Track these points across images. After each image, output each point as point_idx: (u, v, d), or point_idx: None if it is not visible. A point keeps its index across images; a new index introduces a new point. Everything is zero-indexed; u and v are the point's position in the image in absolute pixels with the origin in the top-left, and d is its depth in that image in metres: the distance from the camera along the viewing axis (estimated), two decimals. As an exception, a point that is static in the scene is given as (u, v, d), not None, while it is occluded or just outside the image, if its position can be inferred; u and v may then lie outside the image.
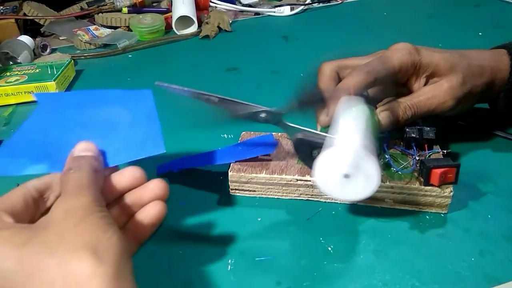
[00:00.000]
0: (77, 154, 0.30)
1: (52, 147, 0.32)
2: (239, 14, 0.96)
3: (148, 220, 0.30)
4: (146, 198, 0.30)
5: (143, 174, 0.31)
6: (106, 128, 0.33)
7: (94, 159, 0.30)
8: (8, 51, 0.71)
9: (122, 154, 0.32)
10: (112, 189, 0.30)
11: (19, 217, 0.27)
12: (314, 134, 0.37)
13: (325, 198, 0.40)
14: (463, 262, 0.34)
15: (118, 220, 0.30)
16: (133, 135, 0.33)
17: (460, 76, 0.42)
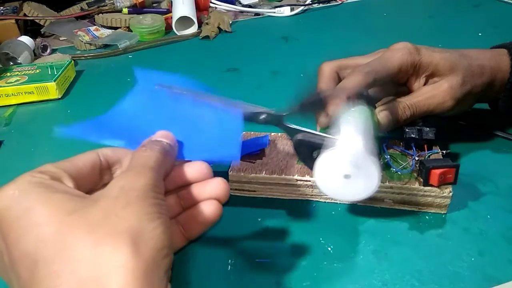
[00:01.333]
0: (154, 139, 0.29)
1: (135, 128, 0.32)
2: (239, 15, 0.96)
3: (201, 217, 0.29)
4: (205, 194, 0.30)
5: (210, 172, 0.30)
6: (191, 124, 0.34)
7: (169, 146, 0.29)
8: (8, 51, 0.71)
9: (198, 152, 0.32)
10: (176, 178, 0.30)
11: (81, 182, 0.26)
12: (314, 135, 0.37)
13: (325, 198, 0.41)
14: (462, 262, 0.34)
15: (172, 210, 0.30)
16: (214, 138, 0.33)
17: (460, 76, 0.42)
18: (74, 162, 0.27)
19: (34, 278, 0.20)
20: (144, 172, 0.25)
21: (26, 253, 0.21)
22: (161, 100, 0.35)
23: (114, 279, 0.20)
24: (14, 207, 0.22)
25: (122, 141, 0.31)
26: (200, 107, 0.36)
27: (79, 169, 0.27)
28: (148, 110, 0.35)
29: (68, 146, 0.53)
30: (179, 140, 0.31)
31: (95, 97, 0.64)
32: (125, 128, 0.33)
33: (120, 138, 0.31)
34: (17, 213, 0.22)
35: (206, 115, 0.35)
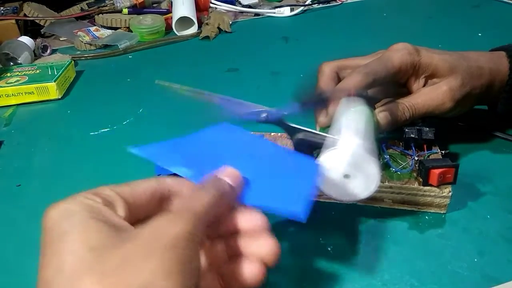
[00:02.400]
0: (217, 176, 0.27)
1: (205, 161, 0.30)
2: (239, 15, 0.96)
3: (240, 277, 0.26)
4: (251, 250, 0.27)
5: (264, 225, 0.27)
6: (263, 166, 0.31)
7: (231, 188, 0.27)
8: (8, 52, 0.71)
9: (260, 198, 0.28)
10: (229, 224, 0.27)
11: (137, 209, 0.25)
12: (315, 135, 0.37)
13: (325, 198, 0.41)
14: (462, 262, 0.34)
15: (218, 257, 0.28)
16: (283, 186, 0.30)
17: (459, 78, 0.42)
18: (134, 187, 0.26)
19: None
20: (184, 217, 0.23)
21: (45, 280, 0.21)
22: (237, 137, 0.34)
23: None
24: (55, 228, 0.22)
25: (190, 171, 0.29)
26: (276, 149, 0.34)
27: (137, 196, 0.25)
28: (222, 145, 0.33)
29: (67, 146, 0.53)
30: (245, 177, 0.28)
31: (95, 97, 0.64)
32: (196, 159, 0.30)
33: (188, 167, 0.29)
34: (56, 235, 0.22)
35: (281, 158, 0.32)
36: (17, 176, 0.48)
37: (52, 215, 0.23)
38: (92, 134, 0.55)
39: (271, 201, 0.28)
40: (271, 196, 0.29)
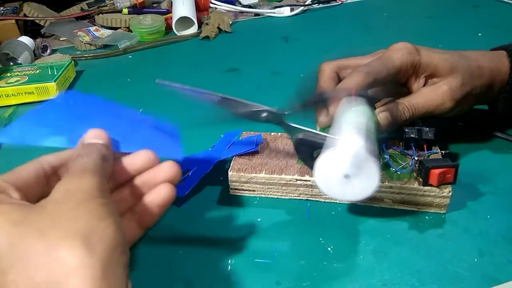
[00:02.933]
0: (87, 141, 0.29)
1: (73, 123, 0.31)
2: (239, 15, 0.96)
3: (157, 202, 0.30)
4: (157, 180, 0.30)
5: (156, 158, 0.30)
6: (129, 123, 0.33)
7: (104, 146, 0.29)
8: (8, 52, 0.71)
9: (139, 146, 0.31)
10: (123, 171, 0.30)
11: (28, 192, 0.26)
12: (315, 135, 0.37)
13: (325, 198, 0.41)
14: (462, 262, 0.34)
15: (127, 202, 0.30)
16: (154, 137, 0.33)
17: (459, 78, 0.42)
18: (18, 173, 0.27)
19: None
20: (85, 175, 0.25)
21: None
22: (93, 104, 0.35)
23: (72, 280, 0.20)
24: None
25: (63, 137, 0.30)
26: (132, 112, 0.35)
27: (24, 180, 0.26)
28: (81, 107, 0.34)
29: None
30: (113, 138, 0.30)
31: (95, 97, 0.64)
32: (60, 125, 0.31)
33: (59, 134, 0.30)
34: None
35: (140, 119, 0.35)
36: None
37: None
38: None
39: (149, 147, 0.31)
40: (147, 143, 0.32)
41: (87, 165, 0.26)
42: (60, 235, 0.21)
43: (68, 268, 0.20)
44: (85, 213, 0.23)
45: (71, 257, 0.20)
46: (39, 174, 0.27)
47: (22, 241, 0.21)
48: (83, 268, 0.20)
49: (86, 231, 0.21)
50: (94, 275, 0.20)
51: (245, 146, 0.43)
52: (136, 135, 0.33)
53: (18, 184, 0.26)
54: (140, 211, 0.30)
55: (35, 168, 0.28)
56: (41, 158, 0.28)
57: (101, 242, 0.22)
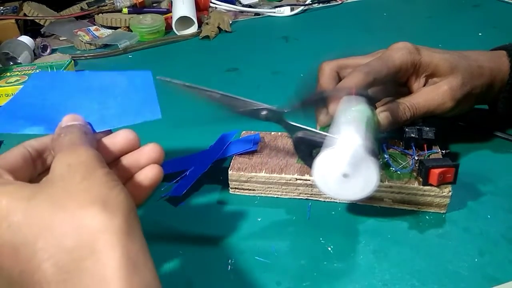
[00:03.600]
0: (65, 125, 0.29)
1: (49, 111, 0.32)
2: (239, 15, 0.96)
3: (146, 182, 0.30)
4: (142, 161, 0.30)
5: (136, 137, 0.31)
6: (102, 94, 0.34)
7: (83, 126, 0.29)
8: (8, 51, 0.71)
9: (117, 119, 0.32)
10: (106, 152, 0.30)
11: (18, 175, 0.26)
12: (315, 133, 0.37)
13: (325, 198, 0.41)
14: (462, 262, 0.34)
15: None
16: (129, 101, 0.33)
17: (460, 78, 0.42)
18: (5, 157, 0.27)
19: (19, 260, 0.21)
20: (79, 149, 0.26)
21: (2, 243, 0.22)
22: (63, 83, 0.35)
23: (100, 242, 0.21)
24: None
25: (41, 126, 0.31)
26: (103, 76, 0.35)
27: (12, 163, 0.27)
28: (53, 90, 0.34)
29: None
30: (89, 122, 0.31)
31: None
32: (37, 112, 0.32)
33: (37, 124, 0.31)
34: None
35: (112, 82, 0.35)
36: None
37: None
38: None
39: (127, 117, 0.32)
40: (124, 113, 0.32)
41: (74, 140, 0.27)
42: (78, 205, 0.22)
43: (95, 232, 0.21)
44: (94, 184, 0.24)
45: (95, 222, 0.22)
46: (25, 157, 0.28)
47: (42, 213, 0.22)
48: (108, 230, 0.22)
49: (101, 199, 0.23)
50: (119, 235, 0.22)
51: (243, 145, 0.43)
52: (110, 106, 0.33)
53: (7, 168, 0.26)
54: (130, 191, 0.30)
55: (20, 152, 0.28)
56: (25, 143, 0.29)
57: (117, 207, 0.23)
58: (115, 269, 0.21)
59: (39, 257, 0.21)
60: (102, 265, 0.21)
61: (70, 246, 0.21)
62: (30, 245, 0.21)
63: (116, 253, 0.21)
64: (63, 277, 0.20)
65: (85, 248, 0.21)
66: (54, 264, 0.21)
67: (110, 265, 0.21)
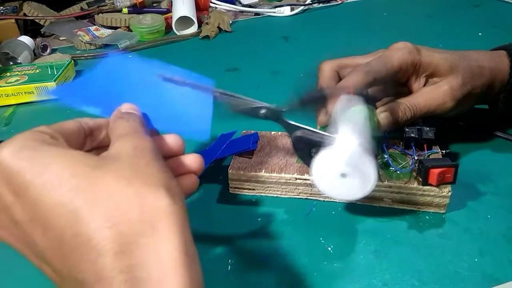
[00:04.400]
0: (124, 111, 0.30)
1: (109, 96, 0.33)
2: (239, 15, 0.96)
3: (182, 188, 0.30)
4: (182, 169, 0.31)
5: (183, 144, 0.31)
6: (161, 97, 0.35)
7: (140, 117, 0.30)
8: (8, 51, 0.71)
9: (167, 123, 0.33)
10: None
11: (71, 145, 0.27)
12: (313, 133, 0.37)
13: (324, 197, 0.40)
14: (463, 262, 0.34)
15: None
16: (185, 111, 0.35)
17: (460, 77, 0.42)
18: (63, 126, 0.28)
19: (75, 223, 0.21)
20: (143, 136, 0.26)
21: (61, 202, 0.21)
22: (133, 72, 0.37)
23: (161, 221, 0.21)
24: (28, 162, 0.22)
25: (99, 108, 0.32)
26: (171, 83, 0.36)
27: (68, 132, 0.27)
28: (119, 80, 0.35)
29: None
30: (143, 113, 0.31)
31: (95, 97, 0.64)
32: (100, 96, 0.33)
33: (96, 106, 0.32)
34: (36, 168, 0.22)
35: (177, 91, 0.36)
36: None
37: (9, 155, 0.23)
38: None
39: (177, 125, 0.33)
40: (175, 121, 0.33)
41: (137, 127, 0.28)
42: (144, 184, 0.22)
43: (159, 211, 0.22)
44: (159, 170, 0.24)
45: (159, 202, 0.22)
46: (79, 131, 0.29)
47: (106, 183, 0.22)
48: (171, 212, 0.22)
49: (165, 184, 0.23)
50: (180, 220, 0.22)
51: (242, 144, 0.43)
52: (166, 108, 0.34)
53: (64, 135, 0.27)
54: None
55: (76, 125, 0.29)
56: (80, 119, 0.30)
57: (177, 195, 0.23)
58: (172, 252, 0.21)
59: (100, 223, 0.20)
60: (162, 245, 0.21)
61: (133, 218, 0.21)
62: (92, 210, 0.21)
63: (175, 237, 0.21)
64: (121, 249, 0.20)
65: (147, 223, 0.21)
66: (116, 233, 0.20)
67: (169, 247, 0.21)
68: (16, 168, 0.22)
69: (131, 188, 0.22)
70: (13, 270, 0.36)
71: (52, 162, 0.22)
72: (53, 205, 0.21)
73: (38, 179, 0.22)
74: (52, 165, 0.22)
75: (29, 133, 0.25)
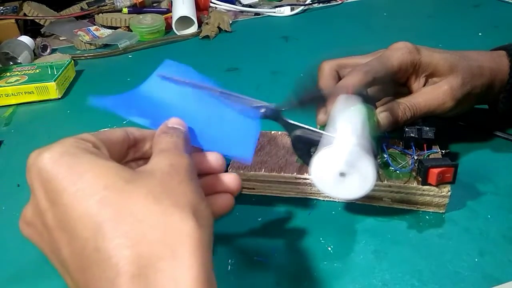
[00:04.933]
0: (171, 125, 0.30)
1: (158, 109, 0.34)
2: (239, 15, 0.96)
3: (215, 208, 0.30)
4: (218, 188, 0.31)
5: (224, 164, 0.31)
6: (208, 115, 0.35)
7: (186, 133, 0.30)
8: (8, 51, 0.71)
9: (212, 142, 0.32)
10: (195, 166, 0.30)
11: (111, 155, 0.27)
12: (313, 132, 0.37)
13: (324, 197, 0.40)
14: (463, 262, 0.34)
15: None
16: (230, 134, 0.34)
17: (460, 77, 0.42)
18: (109, 135, 0.28)
19: (98, 236, 0.21)
20: (181, 154, 0.27)
21: (88, 214, 0.21)
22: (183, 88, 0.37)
23: (183, 246, 0.21)
24: (65, 169, 0.22)
25: (148, 120, 0.32)
26: (220, 102, 0.36)
27: (112, 142, 0.27)
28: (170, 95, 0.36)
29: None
30: (190, 127, 0.32)
31: (95, 97, 0.64)
32: (150, 108, 0.34)
33: (146, 117, 0.32)
34: (72, 176, 0.22)
35: (225, 111, 0.36)
36: (16, 176, 0.48)
37: (49, 161, 0.23)
38: (91, 134, 0.55)
39: (221, 144, 0.33)
40: (220, 140, 0.33)
41: (180, 144, 0.28)
42: (172, 204, 0.22)
43: (181, 234, 0.21)
44: (191, 190, 0.24)
45: (184, 224, 0.21)
46: (124, 141, 0.29)
47: (136, 199, 0.22)
48: (194, 237, 0.21)
49: (193, 206, 0.23)
50: (201, 246, 0.21)
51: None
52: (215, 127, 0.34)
53: (107, 145, 0.27)
54: None
55: (122, 135, 0.29)
56: (127, 128, 0.30)
57: (204, 219, 0.23)
58: (190, 280, 0.20)
59: (121, 241, 0.20)
60: (180, 272, 0.20)
61: (154, 239, 0.20)
62: (115, 225, 0.21)
63: (195, 265, 0.20)
64: (139, 272, 0.20)
65: (168, 246, 0.20)
66: (135, 254, 0.20)
67: (187, 275, 0.20)
68: (54, 173, 0.22)
69: (157, 207, 0.22)
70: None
71: (88, 171, 0.22)
72: (80, 215, 0.21)
73: (72, 187, 0.22)
74: (87, 174, 0.22)
75: (72, 139, 0.25)
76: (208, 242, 0.22)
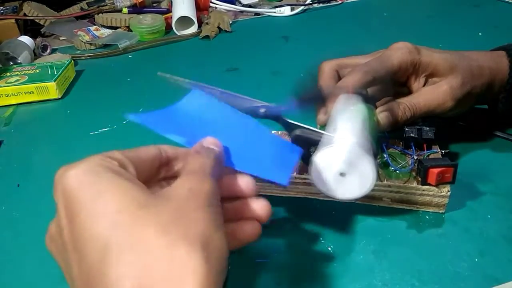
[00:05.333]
0: (206, 145, 0.29)
1: (195, 127, 0.33)
2: (239, 15, 0.96)
3: (242, 236, 0.29)
4: (247, 213, 0.29)
5: (255, 189, 0.30)
6: (246, 137, 0.34)
7: (220, 154, 0.29)
8: (8, 51, 0.71)
9: (246, 164, 0.31)
10: (223, 188, 0.29)
11: (140, 174, 0.26)
12: (312, 132, 0.37)
13: (324, 196, 0.40)
14: (463, 262, 0.34)
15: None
16: (267, 157, 0.33)
17: (460, 77, 0.42)
18: (138, 153, 0.27)
19: (104, 260, 0.20)
20: (205, 178, 0.25)
21: (98, 236, 0.21)
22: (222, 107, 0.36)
23: (187, 283, 0.20)
24: (87, 188, 0.22)
25: (184, 138, 0.31)
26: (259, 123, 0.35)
27: (141, 161, 0.27)
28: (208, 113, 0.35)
29: (67, 146, 0.53)
30: (225, 147, 0.31)
31: (95, 97, 0.64)
32: (187, 126, 0.33)
33: (182, 135, 0.31)
34: (91, 195, 0.22)
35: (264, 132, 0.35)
36: (17, 176, 0.48)
37: (72, 178, 0.23)
38: (92, 134, 0.55)
39: (257, 167, 0.31)
40: (256, 162, 0.32)
41: (206, 167, 0.26)
42: (181, 234, 0.21)
43: (186, 270, 0.20)
44: (205, 218, 0.23)
45: (189, 259, 0.20)
46: (155, 160, 0.28)
47: (146, 227, 0.21)
48: (199, 273, 0.20)
49: (204, 237, 0.22)
50: (207, 282, 0.20)
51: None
52: (251, 147, 0.33)
53: (136, 164, 0.26)
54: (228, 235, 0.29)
55: (154, 153, 0.28)
56: (161, 146, 0.29)
57: (215, 251, 0.22)
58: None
59: (125, 271, 0.20)
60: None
61: (158, 273, 0.20)
62: (122, 251, 0.20)
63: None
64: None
65: (170, 283, 0.20)
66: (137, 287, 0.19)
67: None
68: (75, 192, 0.22)
69: (165, 238, 0.21)
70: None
71: (106, 191, 0.22)
72: (91, 236, 0.21)
73: (89, 206, 0.22)
74: (105, 195, 0.22)
75: (99, 157, 0.24)
76: (216, 277, 0.21)
